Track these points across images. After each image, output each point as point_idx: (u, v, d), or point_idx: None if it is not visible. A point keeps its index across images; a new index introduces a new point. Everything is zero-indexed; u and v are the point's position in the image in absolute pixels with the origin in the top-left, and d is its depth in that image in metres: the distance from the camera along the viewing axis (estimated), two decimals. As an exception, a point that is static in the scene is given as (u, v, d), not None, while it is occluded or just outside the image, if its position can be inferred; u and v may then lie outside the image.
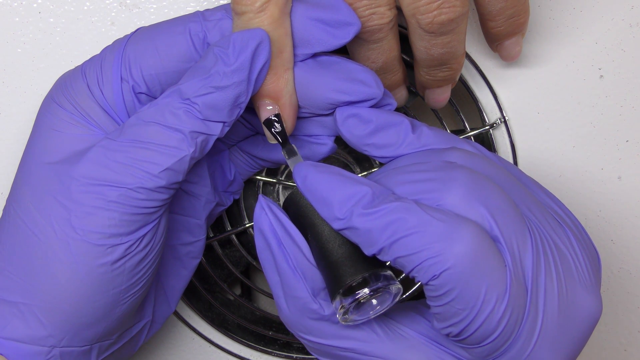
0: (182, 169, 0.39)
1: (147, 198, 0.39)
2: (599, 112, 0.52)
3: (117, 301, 0.41)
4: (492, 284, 0.35)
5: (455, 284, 0.35)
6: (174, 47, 0.41)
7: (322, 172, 0.38)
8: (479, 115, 0.52)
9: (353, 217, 0.37)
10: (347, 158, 0.56)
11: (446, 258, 0.35)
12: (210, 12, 0.41)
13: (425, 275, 0.36)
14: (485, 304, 0.36)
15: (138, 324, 0.45)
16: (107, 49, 0.42)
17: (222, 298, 0.57)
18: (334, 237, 0.38)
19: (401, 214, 0.36)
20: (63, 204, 0.39)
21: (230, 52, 0.39)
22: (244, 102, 0.40)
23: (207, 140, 0.40)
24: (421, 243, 0.35)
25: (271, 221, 0.39)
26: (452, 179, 0.37)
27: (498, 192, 0.37)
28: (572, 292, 0.38)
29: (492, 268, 0.35)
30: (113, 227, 0.39)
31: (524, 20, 0.45)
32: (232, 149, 0.48)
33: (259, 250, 0.40)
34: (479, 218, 0.36)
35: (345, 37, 0.40)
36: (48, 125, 0.42)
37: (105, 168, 0.39)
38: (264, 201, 0.39)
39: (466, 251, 0.35)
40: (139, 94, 0.41)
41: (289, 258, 0.39)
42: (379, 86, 0.41)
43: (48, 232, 0.39)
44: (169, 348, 0.55)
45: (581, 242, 0.39)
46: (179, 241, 0.47)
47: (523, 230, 0.37)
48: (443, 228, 0.35)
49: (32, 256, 0.40)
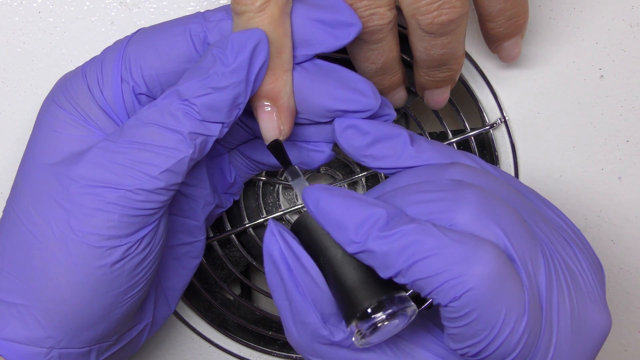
0: (181, 170, 0.39)
1: (146, 200, 0.39)
2: (599, 112, 0.52)
3: (116, 303, 0.41)
4: (512, 304, 0.35)
5: (476, 305, 0.35)
6: (175, 48, 0.41)
7: (335, 195, 0.38)
8: (479, 116, 0.52)
9: (369, 240, 0.36)
10: (347, 158, 0.56)
11: (467, 279, 0.35)
12: (211, 13, 0.41)
13: (446, 297, 0.35)
14: (505, 325, 0.35)
15: (138, 325, 0.45)
16: (107, 50, 0.42)
17: (222, 298, 0.57)
18: (347, 260, 0.38)
19: (418, 235, 0.35)
20: (62, 205, 0.39)
21: (229, 52, 0.39)
22: (242, 103, 0.40)
23: (206, 142, 0.40)
24: (441, 265, 0.35)
25: (281, 247, 0.38)
26: (463, 198, 0.37)
27: (508, 210, 0.37)
28: (583, 308, 0.38)
29: (511, 288, 0.35)
30: (112, 228, 0.39)
31: (523, 21, 0.45)
32: (232, 152, 0.48)
33: (267, 274, 0.39)
34: (494, 237, 0.36)
35: (346, 38, 0.40)
36: (48, 126, 0.41)
37: (104, 169, 0.39)
38: (274, 227, 0.38)
39: (488, 272, 0.35)
40: (139, 94, 0.41)
41: (299, 284, 0.38)
42: (376, 97, 0.41)
43: (47, 233, 0.39)
44: (169, 348, 0.55)
45: (586, 256, 0.39)
46: (178, 242, 0.47)
47: (535, 248, 0.37)
48: (462, 249, 0.35)
49: (31, 257, 0.40)
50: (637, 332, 0.55)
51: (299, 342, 0.39)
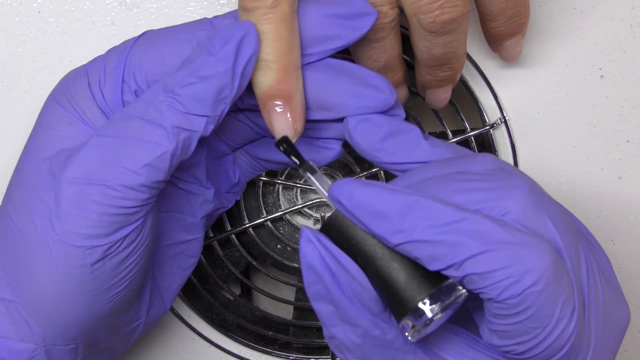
0: (163, 167, 0.38)
1: (125, 197, 0.38)
2: (600, 112, 0.52)
3: (99, 301, 0.40)
4: (565, 301, 0.35)
5: (533, 303, 0.34)
6: (180, 54, 0.40)
7: (369, 185, 0.36)
8: (479, 116, 0.52)
9: (418, 229, 0.35)
10: (347, 158, 0.56)
11: (527, 276, 0.34)
12: (218, 19, 0.41)
13: (503, 294, 0.34)
14: (559, 322, 0.35)
15: (130, 324, 0.45)
16: (112, 50, 0.42)
17: (222, 298, 0.57)
18: (389, 255, 0.36)
19: (474, 226, 0.34)
20: (45, 203, 0.39)
21: (217, 42, 0.38)
22: (228, 97, 0.39)
23: (190, 138, 0.39)
24: (500, 261, 0.34)
25: (321, 253, 0.37)
26: (514, 186, 0.36)
27: (552, 201, 0.37)
28: (611, 303, 0.37)
29: (565, 285, 0.35)
30: (91, 227, 0.38)
31: (524, 20, 0.45)
32: (237, 152, 0.48)
33: (308, 285, 0.37)
34: (545, 230, 0.35)
35: (364, 28, 0.40)
36: (46, 124, 0.41)
37: (88, 166, 0.38)
38: (311, 233, 0.37)
39: (546, 269, 0.34)
40: None
41: (344, 288, 0.37)
42: (392, 92, 0.41)
43: (30, 230, 0.39)
44: (168, 348, 0.55)
45: (603, 252, 0.39)
46: (174, 240, 0.46)
47: (577, 243, 0.36)
48: (520, 244, 0.34)
49: (18, 254, 0.40)
50: (637, 332, 0.55)
51: (346, 344, 0.38)
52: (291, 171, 0.56)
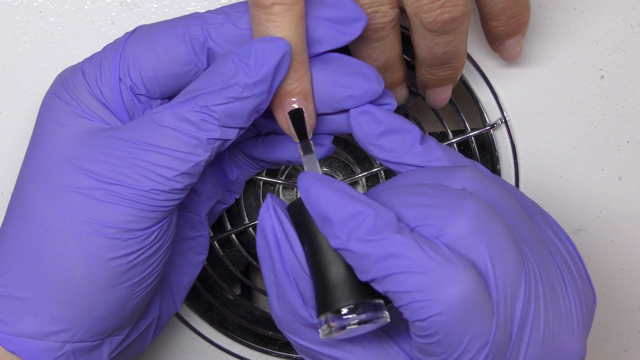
0: (197, 172, 0.40)
1: (163, 199, 0.39)
2: (600, 112, 0.52)
3: (130, 294, 0.41)
4: (475, 335, 0.35)
5: (439, 329, 0.34)
6: (173, 50, 0.41)
7: (326, 187, 0.37)
8: (480, 116, 0.52)
9: (351, 240, 0.35)
10: (347, 158, 0.56)
11: (435, 304, 0.34)
12: (210, 15, 0.41)
13: (413, 316, 0.35)
14: (465, 353, 0.35)
15: (146, 319, 0.45)
16: (107, 48, 0.42)
17: (222, 298, 0.57)
18: (331, 253, 0.37)
19: (399, 249, 0.35)
20: (75, 199, 0.39)
21: (252, 63, 0.38)
22: (263, 109, 0.40)
23: (222, 145, 0.40)
24: (414, 284, 0.34)
25: (273, 223, 0.38)
26: (460, 210, 0.36)
27: (503, 230, 0.36)
28: (559, 337, 0.37)
29: (479, 319, 0.35)
30: (129, 222, 0.39)
31: (525, 20, 0.45)
32: (233, 150, 0.48)
33: (258, 247, 0.39)
34: (478, 258, 0.35)
35: (354, 33, 0.41)
36: (54, 120, 0.41)
37: (120, 168, 0.39)
38: (271, 201, 0.38)
39: (456, 301, 0.34)
40: (138, 95, 0.41)
41: (285, 262, 0.38)
42: (379, 82, 0.41)
43: (60, 227, 0.39)
44: (169, 348, 0.55)
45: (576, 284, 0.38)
46: (182, 236, 0.47)
47: (519, 274, 0.36)
48: (438, 271, 0.34)
49: (44, 252, 0.40)
50: (637, 332, 0.55)
51: (280, 317, 0.39)
52: (291, 171, 0.56)
